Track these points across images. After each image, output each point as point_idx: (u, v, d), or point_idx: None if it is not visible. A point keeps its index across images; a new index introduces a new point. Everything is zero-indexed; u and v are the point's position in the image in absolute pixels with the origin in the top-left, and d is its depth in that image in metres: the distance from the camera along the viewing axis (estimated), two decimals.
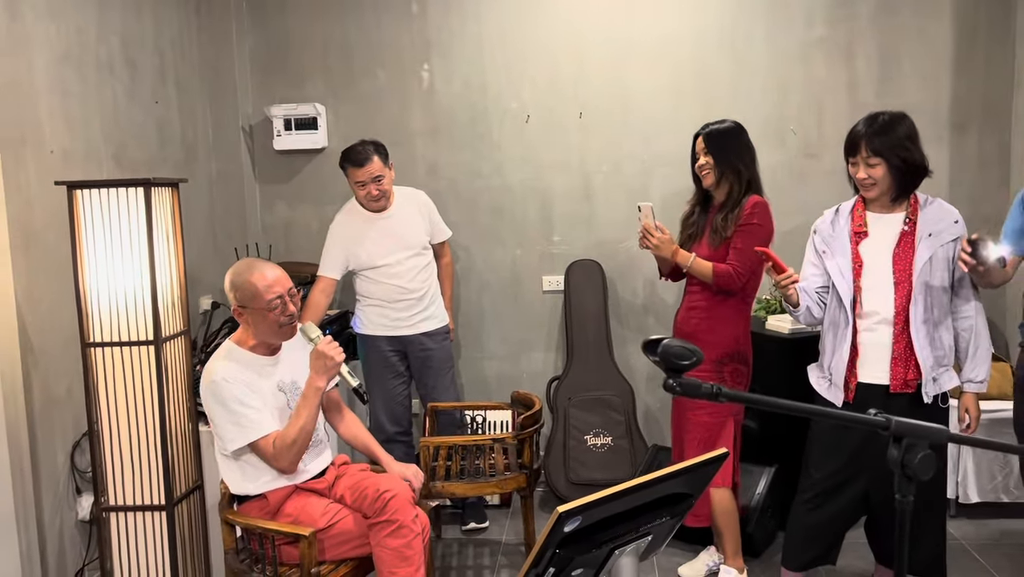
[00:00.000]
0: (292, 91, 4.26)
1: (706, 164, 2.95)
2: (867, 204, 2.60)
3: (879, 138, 2.46)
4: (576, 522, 1.49)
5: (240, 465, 2.50)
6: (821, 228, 2.69)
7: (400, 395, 3.69)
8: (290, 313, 2.50)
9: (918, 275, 2.46)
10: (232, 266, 2.57)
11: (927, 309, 2.48)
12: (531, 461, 3.21)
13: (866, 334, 2.54)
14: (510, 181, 4.24)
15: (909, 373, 2.49)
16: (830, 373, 2.61)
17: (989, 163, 4.01)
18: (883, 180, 2.49)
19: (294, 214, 4.35)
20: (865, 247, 2.56)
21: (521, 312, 4.32)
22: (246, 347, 2.54)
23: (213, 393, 2.43)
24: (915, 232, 2.50)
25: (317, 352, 2.47)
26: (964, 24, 3.95)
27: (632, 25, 4.09)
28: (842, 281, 2.56)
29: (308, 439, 2.47)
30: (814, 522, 2.68)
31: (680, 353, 1.12)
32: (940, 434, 1.13)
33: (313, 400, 2.46)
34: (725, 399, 1.11)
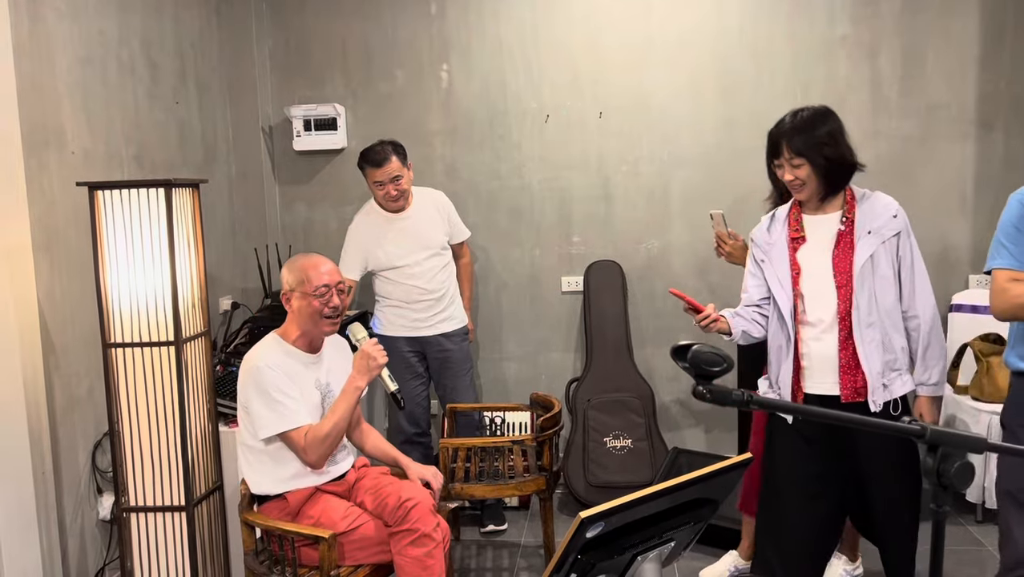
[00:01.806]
0: (311, 92, 4.26)
1: None
2: (802, 208, 2.47)
3: (800, 137, 2.33)
4: (599, 528, 1.47)
5: (265, 457, 2.51)
6: (758, 237, 2.55)
7: (419, 396, 3.68)
8: (334, 306, 2.54)
9: (859, 275, 2.33)
10: (294, 256, 2.68)
11: (871, 311, 2.34)
12: (550, 463, 3.19)
13: (810, 344, 2.41)
14: (529, 181, 4.22)
15: (858, 381, 2.36)
16: (779, 387, 2.49)
17: (1016, 162, 3.94)
18: (811, 180, 2.36)
19: (313, 214, 4.35)
20: (803, 252, 2.43)
21: (540, 313, 4.30)
22: (289, 340, 2.58)
23: (255, 379, 2.46)
24: (853, 231, 2.37)
25: (362, 352, 2.53)
26: (991, 22, 3.88)
27: (651, 23, 4.06)
28: (780, 291, 2.44)
29: (340, 436, 2.51)
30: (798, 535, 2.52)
31: (711, 360, 1.10)
32: (978, 443, 1.10)
33: (352, 398, 2.50)
34: (756, 406, 1.08)
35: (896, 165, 3.96)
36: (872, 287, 2.34)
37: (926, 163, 3.96)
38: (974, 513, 3.57)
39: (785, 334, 2.45)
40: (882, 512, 2.46)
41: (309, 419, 2.51)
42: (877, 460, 2.40)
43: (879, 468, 2.41)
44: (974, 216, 3.97)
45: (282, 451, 2.50)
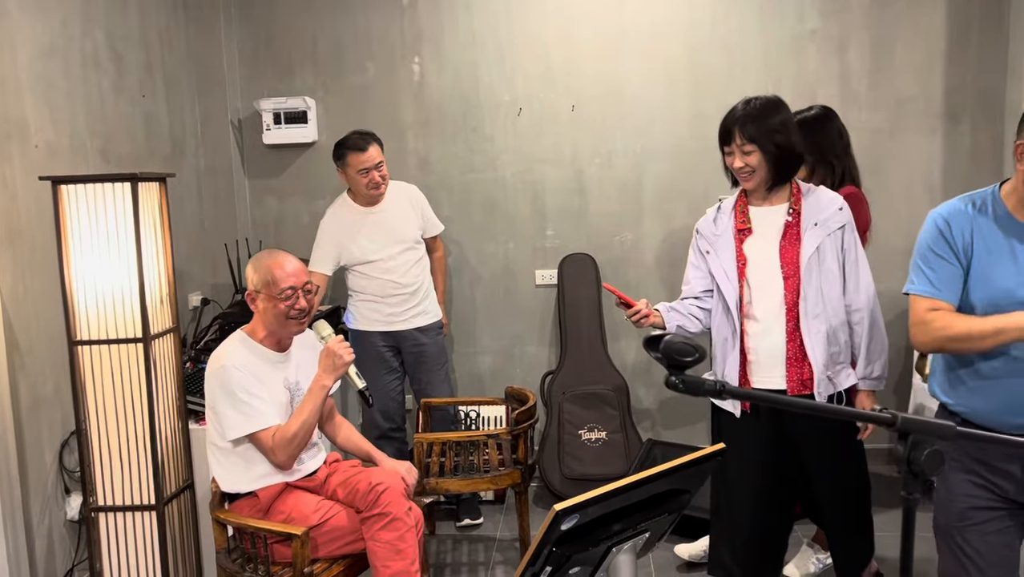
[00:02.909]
0: (281, 84, 4.21)
1: None
2: (749, 199, 2.47)
3: (753, 124, 2.34)
4: (573, 520, 1.47)
5: (235, 457, 2.48)
6: (703, 228, 2.54)
7: (394, 391, 3.66)
8: (301, 307, 2.50)
9: (806, 267, 2.34)
10: (258, 253, 2.61)
11: (818, 303, 2.35)
12: (525, 457, 3.19)
13: (757, 337, 2.40)
14: (502, 175, 4.21)
15: (805, 373, 2.36)
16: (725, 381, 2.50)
17: (982, 154, 3.99)
18: (760, 168, 2.36)
19: (284, 208, 4.31)
20: (750, 244, 2.42)
21: (514, 306, 4.29)
22: (257, 339, 2.54)
23: (221, 379, 2.42)
24: (800, 223, 2.38)
25: (328, 350, 2.48)
26: (958, 16, 3.93)
27: (624, 15, 4.06)
28: (726, 283, 2.43)
29: (309, 435, 2.47)
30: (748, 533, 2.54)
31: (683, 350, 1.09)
32: (948, 430, 1.11)
33: (318, 397, 2.47)
34: (729, 395, 1.08)
35: (865, 158, 3.96)
36: (819, 279, 2.35)
37: (895, 156, 4.00)
38: None
39: (731, 326, 2.44)
40: (829, 506, 2.49)
41: (277, 419, 2.47)
42: (821, 455, 2.42)
43: (824, 462, 2.43)
44: None
45: (251, 451, 2.47)
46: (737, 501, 2.52)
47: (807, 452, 2.43)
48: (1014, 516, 1.91)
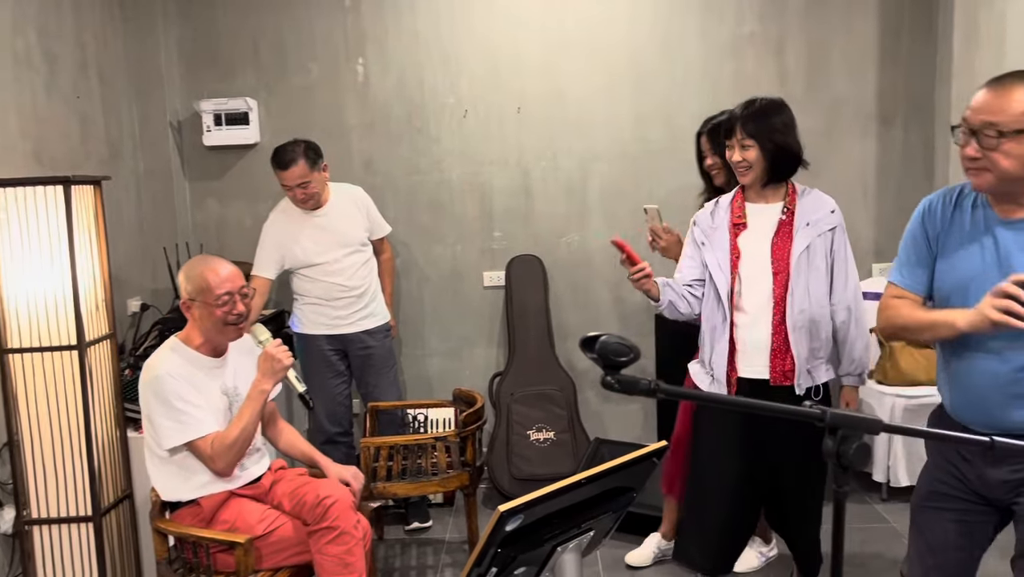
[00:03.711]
0: (222, 85, 4.14)
1: (715, 164, 2.96)
2: (746, 195, 2.56)
3: (753, 122, 2.44)
4: (517, 521, 1.47)
5: (173, 467, 2.42)
6: (701, 220, 2.62)
7: (340, 395, 3.63)
8: (238, 312, 2.45)
9: (795, 264, 2.43)
10: (190, 259, 2.53)
11: (804, 299, 2.45)
12: (474, 458, 3.19)
13: (744, 328, 2.49)
14: (449, 176, 4.20)
15: (787, 364, 2.46)
16: (711, 368, 2.56)
17: (914, 156, 4.13)
18: (758, 164, 2.45)
19: (226, 212, 4.23)
20: (744, 238, 2.51)
21: (462, 308, 4.29)
22: (192, 345, 2.48)
23: (154, 388, 2.36)
24: (793, 222, 2.47)
25: (266, 354, 2.44)
26: (889, 20, 4.05)
27: (567, 20, 4.08)
28: (719, 274, 2.51)
29: (248, 441, 2.43)
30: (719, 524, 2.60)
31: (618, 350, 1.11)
32: (875, 424, 1.15)
33: (257, 402, 2.42)
34: (663, 395, 1.10)
35: None
36: (807, 276, 2.45)
37: (831, 156, 4.10)
38: (880, 492, 3.73)
39: (721, 315, 2.53)
40: (791, 501, 2.55)
41: (215, 426, 2.42)
42: (788, 450, 2.47)
43: (789, 457, 2.49)
44: (876, 207, 4.14)
45: (190, 459, 2.42)
46: (709, 490, 2.59)
47: (776, 447, 2.49)
48: (974, 509, 1.92)
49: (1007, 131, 1.73)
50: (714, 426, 2.55)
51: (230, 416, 2.48)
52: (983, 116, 1.76)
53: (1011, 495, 1.87)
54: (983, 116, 1.76)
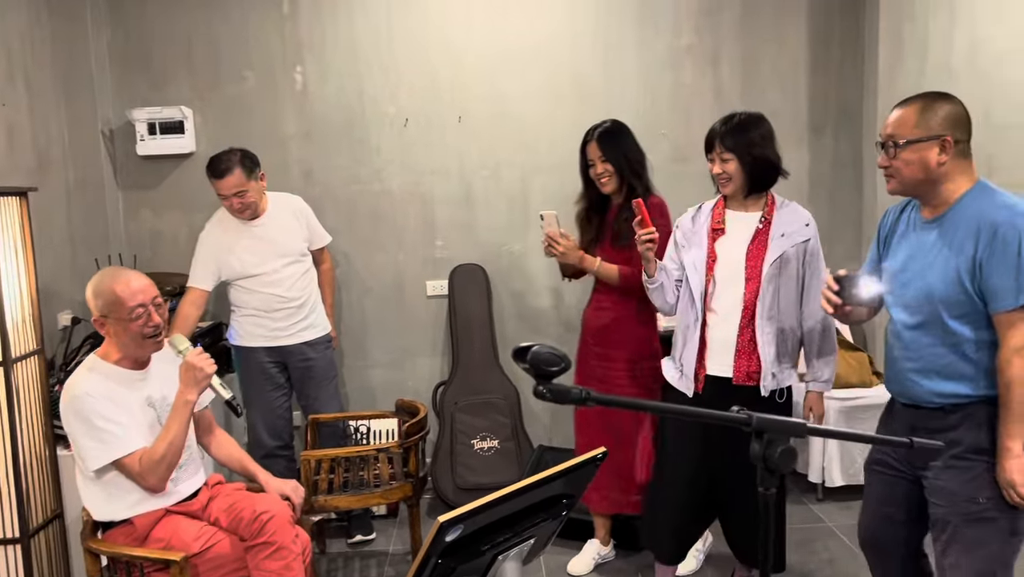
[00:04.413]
0: (155, 93, 4.05)
1: (605, 172, 2.99)
2: (727, 204, 2.68)
3: (732, 136, 2.56)
4: (457, 531, 1.47)
5: (103, 486, 2.35)
6: (683, 224, 2.75)
7: (280, 408, 3.57)
8: (155, 324, 2.38)
9: (768, 272, 2.54)
10: (96, 274, 2.42)
11: (773, 305, 2.55)
12: (417, 469, 3.17)
13: (715, 328, 2.60)
14: (390, 186, 4.18)
15: (752, 366, 2.56)
16: (681, 365, 2.68)
17: (844, 164, 4.26)
18: (737, 176, 2.57)
19: (161, 222, 4.14)
20: (721, 243, 2.63)
21: (405, 318, 4.27)
22: (111, 361, 2.40)
23: (74, 409, 2.29)
24: (769, 231, 2.59)
25: (187, 364, 2.37)
26: (818, 32, 4.18)
27: (507, 30, 4.11)
28: (695, 274, 2.63)
29: (178, 455, 2.36)
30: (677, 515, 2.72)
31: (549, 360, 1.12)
32: (799, 428, 1.19)
33: (183, 413, 2.36)
34: (594, 403, 1.12)
35: None
36: (778, 284, 2.55)
37: None
38: (816, 492, 3.83)
39: (694, 315, 2.63)
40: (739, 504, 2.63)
41: (142, 442, 2.35)
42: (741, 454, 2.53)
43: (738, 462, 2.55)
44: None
45: (120, 478, 2.35)
46: (671, 479, 2.70)
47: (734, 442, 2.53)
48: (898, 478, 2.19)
49: (901, 142, 2.02)
50: (677, 428, 2.65)
51: (159, 428, 2.42)
52: (887, 130, 2.06)
53: (921, 465, 2.10)
54: (887, 130, 2.06)
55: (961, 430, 2.01)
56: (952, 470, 2.02)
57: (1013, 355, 1.91)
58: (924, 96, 2.05)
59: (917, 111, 2.01)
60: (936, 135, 1.99)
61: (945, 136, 1.98)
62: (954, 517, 2.02)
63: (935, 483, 2.06)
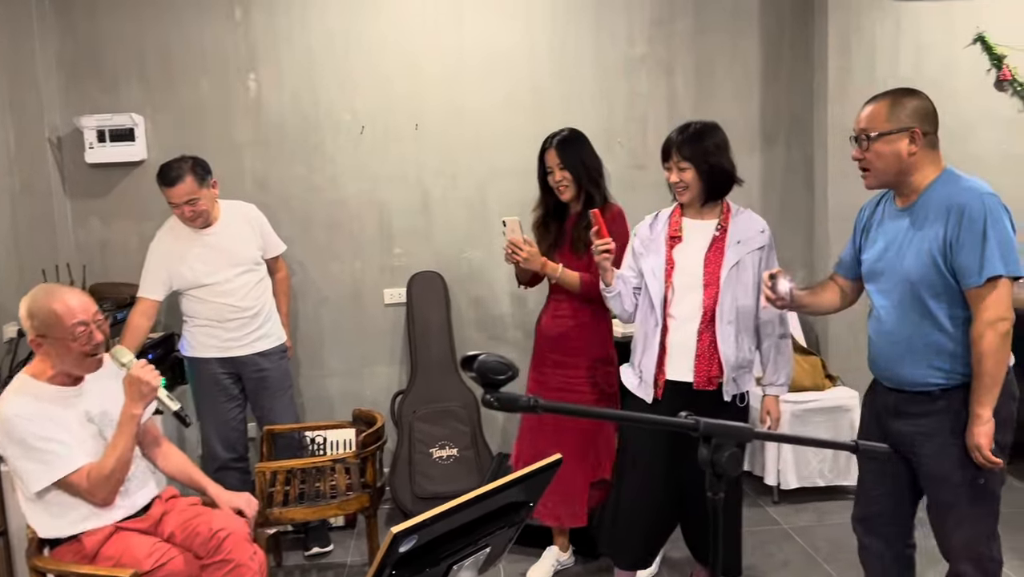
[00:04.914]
0: (105, 99, 3.97)
1: (563, 179, 2.99)
2: (684, 212, 2.72)
3: (688, 145, 2.60)
4: (412, 541, 1.46)
5: (46, 505, 2.28)
6: (641, 231, 2.78)
7: (234, 419, 3.51)
8: (96, 342, 2.30)
9: (725, 278, 2.59)
10: (29, 292, 2.34)
11: (732, 310, 2.60)
12: (374, 479, 3.14)
13: (674, 334, 2.64)
14: (346, 194, 4.15)
15: (712, 370, 2.61)
16: (640, 371, 2.70)
17: (795, 171, 4.34)
18: (693, 184, 2.62)
19: (110, 231, 4.05)
20: (679, 251, 2.67)
21: (363, 326, 4.24)
22: (43, 379, 2.32)
23: (7, 432, 2.21)
24: (725, 238, 2.63)
25: (131, 377, 2.31)
26: (770, 43, 4.25)
27: (463, 37, 4.11)
28: (654, 281, 2.66)
29: (127, 468, 2.31)
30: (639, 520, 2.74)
31: (496, 368, 1.12)
32: (746, 433, 1.20)
33: (129, 428, 2.30)
34: (543, 410, 1.12)
35: None
36: (735, 290, 2.59)
37: None
38: (771, 495, 3.88)
39: (653, 321, 2.65)
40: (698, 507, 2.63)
41: (86, 457, 2.28)
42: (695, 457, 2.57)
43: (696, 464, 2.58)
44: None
45: (62, 496, 2.28)
46: (636, 485, 2.71)
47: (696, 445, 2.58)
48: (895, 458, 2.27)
49: (873, 135, 2.15)
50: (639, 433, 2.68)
51: (103, 442, 2.34)
52: (860, 125, 2.19)
53: (907, 447, 2.21)
54: (860, 125, 2.19)
55: (947, 415, 2.13)
56: (948, 459, 2.14)
57: (985, 328, 2.04)
58: (893, 92, 2.18)
59: (887, 106, 2.14)
60: (905, 127, 2.12)
61: (914, 128, 2.12)
62: (958, 500, 2.15)
63: (934, 471, 2.18)
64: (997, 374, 2.05)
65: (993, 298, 2.03)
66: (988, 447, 2.06)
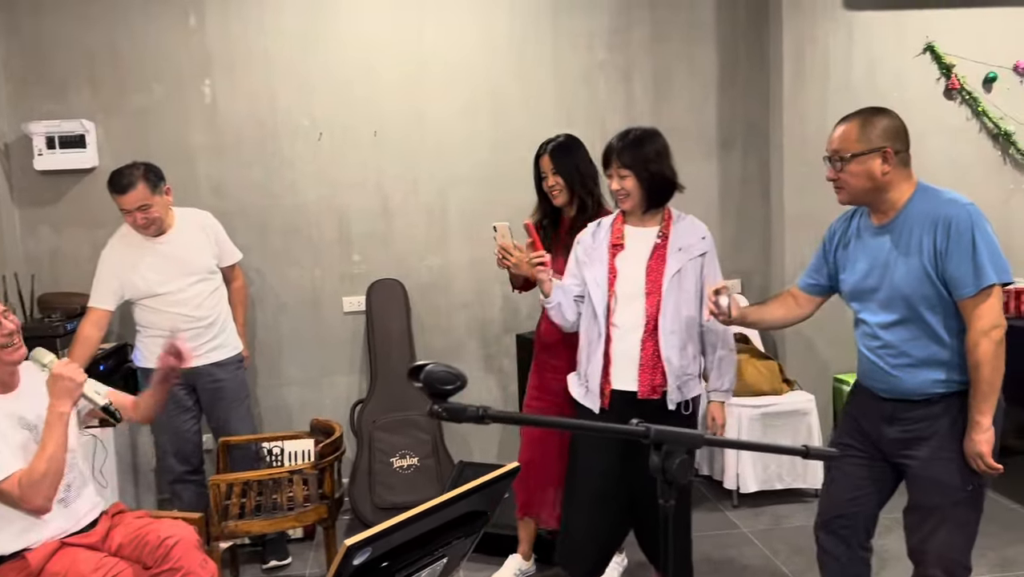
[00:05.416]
0: (55, 105, 3.89)
1: (556, 184, 3.00)
2: (626, 219, 2.69)
3: (628, 152, 2.58)
4: (366, 554, 1.44)
5: None
6: (583, 240, 2.74)
7: (189, 431, 3.44)
8: (7, 332, 2.23)
9: (667, 286, 2.56)
10: None
11: (675, 319, 2.58)
12: (332, 490, 3.10)
13: (618, 343, 2.60)
14: (304, 200, 4.11)
15: (656, 379, 2.58)
16: (587, 380, 2.67)
17: (752, 179, 4.39)
18: (635, 192, 2.59)
19: (61, 240, 3.96)
20: (621, 259, 2.64)
21: (322, 335, 4.19)
22: None
23: None
24: (667, 246, 2.61)
25: (55, 375, 2.24)
26: (726, 51, 4.30)
27: (423, 44, 4.09)
28: (597, 291, 2.63)
29: (60, 470, 2.22)
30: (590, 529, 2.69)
31: (444, 378, 1.11)
32: (696, 439, 1.20)
33: (59, 426, 2.22)
34: (491, 420, 1.11)
35: None
36: (677, 298, 2.57)
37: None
38: (731, 499, 3.91)
39: (597, 331, 2.62)
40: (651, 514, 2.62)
41: (18, 464, 2.20)
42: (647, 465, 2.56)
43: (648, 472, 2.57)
44: (720, 227, 4.37)
45: (1, 508, 2.21)
46: (584, 495, 2.67)
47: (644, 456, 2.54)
48: (874, 462, 2.33)
49: (847, 156, 2.18)
50: (589, 442, 2.64)
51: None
52: (833, 146, 2.22)
53: (900, 451, 2.24)
54: (833, 146, 2.22)
55: (943, 420, 2.17)
56: (940, 461, 2.17)
57: (980, 337, 2.08)
58: (863, 112, 2.21)
59: (858, 127, 2.18)
60: (877, 147, 2.15)
61: (885, 148, 2.15)
62: (944, 504, 2.19)
63: (924, 473, 2.20)
64: (995, 381, 2.09)
65: (986, 307, 2.08)
66: (990, 454, 2.10)
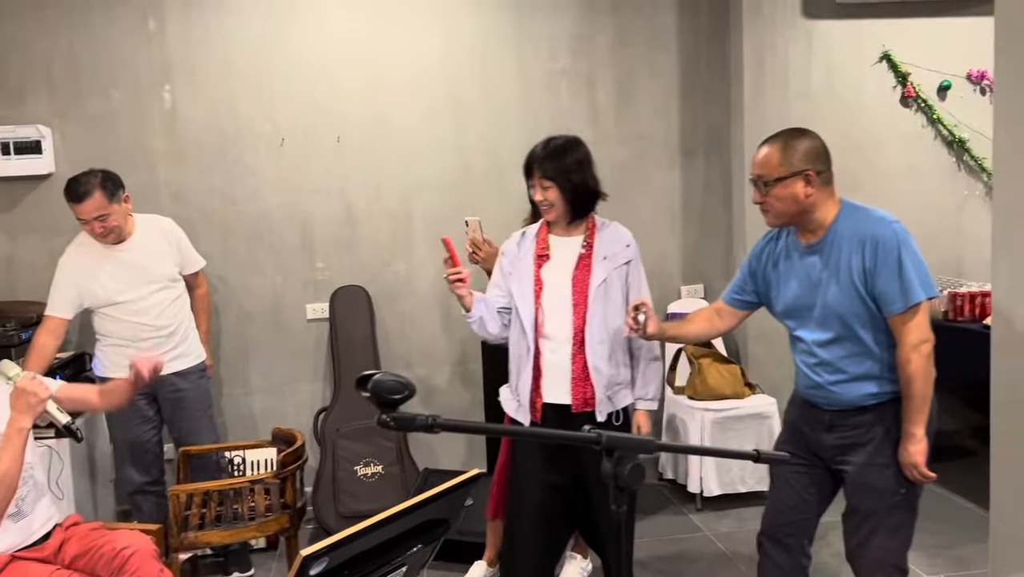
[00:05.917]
0: (9, 111, 3.81)
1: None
2: (551, 229, 2.66)
3: (550, 162, 2.54)
4: (323, 564, 1.43)
5: None
6: (508, 250, 2.69)
7: (149, 442, 3.39)
8: None
9: (593, 296, 2.53)
10: None
11: (603, 328, 2.55)
12: (294, 500, 3.08)
13: (548, 355, 2.56)
14: (266, 207, 4.08)
15: (587, 392, 2.54)
16: (518, 394, 2.63)
17: (714, 186, 4.44)
18: (558, 202, 2.55)
19: (17, 247, 3.89)
20: (547, 270, 2.59)
21: (285, 343, 4.15)
22: None
23: None
24: (592, 255, 2.58)
25: (19, 389, 2.21)
26: (688, 59, 4.35)
27: (388, 51, 4.08)
28: (524, 304, 2.58)
29: (13, 487, 2.18)
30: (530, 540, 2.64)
31: (392, 388, 1.11)
32: (648, 445, 1.21)
33: (18, 441, 2.18)
34: (440, 429, 1.11)
35: (615, 190, 4.11)
36: (604, 308, 2.54)
37: (641, 187, 4.34)
38: (695, 502, 3.94)
39: (525, 345, 2.58)
40: (603, 522, 2.62)
41: None
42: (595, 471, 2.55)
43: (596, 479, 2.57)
44: (683, 233, 4.42)
45: None
46: (523, 509, 2.62)
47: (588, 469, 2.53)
48: (814, 469, 2.37)
49: (769, 181, 2.21)
50: (526, 451, 2.60)
51: None
52: (755, 170, 2.25)
53: (837, 457, 2.29)
54: (755, 170, 2.25)
55: (877, 427, 2.23)
56: (875, 468, 2.22)
57: (911, 352, 2.14)
58: (783, 134, 2.24)
59: (779, 150, 2.20)
60: (799, 171, 2.17)
61: (807, 170, 2.17)
62: (879, 508, 2.24)
63: (860, 479, 2.26)
64: (926, 393, 2.15)
65: (915, 323, 2.13)
66: (924, 464, 2.16)
